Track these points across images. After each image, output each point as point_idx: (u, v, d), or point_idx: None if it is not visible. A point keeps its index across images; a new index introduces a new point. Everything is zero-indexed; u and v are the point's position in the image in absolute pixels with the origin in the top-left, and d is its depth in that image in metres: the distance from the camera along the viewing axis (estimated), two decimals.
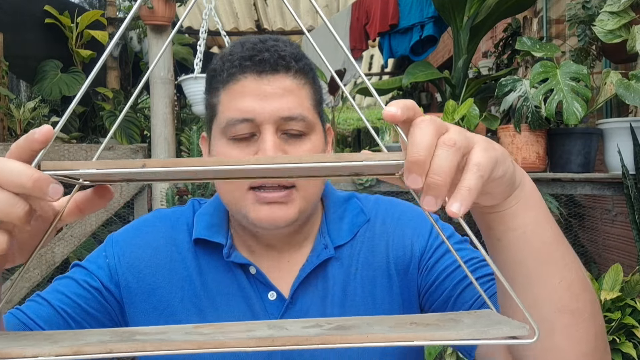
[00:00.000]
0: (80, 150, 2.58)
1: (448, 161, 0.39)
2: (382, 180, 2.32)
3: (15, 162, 0.41)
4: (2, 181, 0.40)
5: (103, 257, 0.80)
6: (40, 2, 4.02)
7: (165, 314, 0.78)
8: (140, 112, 4.56)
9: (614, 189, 2.21)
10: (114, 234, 0.84)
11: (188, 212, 0.84)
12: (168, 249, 0.81)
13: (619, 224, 2.81)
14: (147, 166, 0.38)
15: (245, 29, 6.47)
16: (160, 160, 0.38)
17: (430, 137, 0.39)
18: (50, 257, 2.59)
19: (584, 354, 0.56)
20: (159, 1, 2.54)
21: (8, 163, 0.41)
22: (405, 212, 0.84)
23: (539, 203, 0.54)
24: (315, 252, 0.79)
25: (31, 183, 0.39)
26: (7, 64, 3.49)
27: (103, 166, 0.38)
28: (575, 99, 2.00)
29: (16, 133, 3.37)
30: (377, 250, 0.81)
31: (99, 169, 0.38)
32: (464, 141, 0.41)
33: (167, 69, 2.67)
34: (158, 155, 2.60)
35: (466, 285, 0.75)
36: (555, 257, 0.54)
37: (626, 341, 1.76)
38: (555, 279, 0.54)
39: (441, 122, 0.42)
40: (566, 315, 0.55)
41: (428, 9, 3.63)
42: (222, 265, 0.78)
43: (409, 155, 0.39)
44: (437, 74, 2.83)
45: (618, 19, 1.96)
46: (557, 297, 0.55)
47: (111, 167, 0.38)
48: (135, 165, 0.38)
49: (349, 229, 0.81)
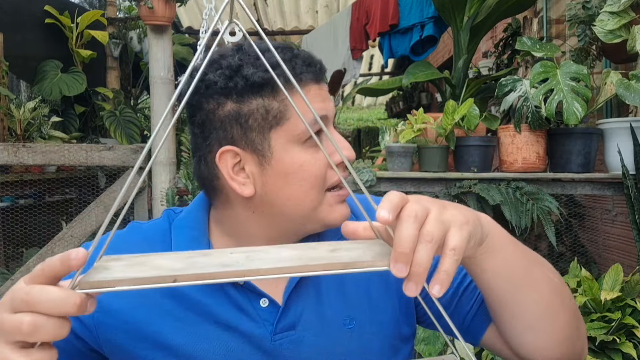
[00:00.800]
0: (80, 150, 2.58)
1: (427, 255, 0.48)
2: (382, 180, 2.32)
3: (56, 291, 0.45)
4: (48, 310, 0.45)
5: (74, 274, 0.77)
6: (40, 2, 4.02)
7: (150, 331, 0.74)
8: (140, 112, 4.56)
9: (614, 189, 2.21)
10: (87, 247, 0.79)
11: (164, 225, 0.80)
12: None
13: (619, 224, 2.81)
14: (178, 281, 0.41)
15: (245, 29, 6.47)
16: (190, 275, 0.41)
17: (413, 232, 0.48)
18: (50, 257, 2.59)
19: (565, 337, 0.69)
20: (159, 1, 2.54)
21: (50, 292, 0.45)
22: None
23: (505, 243, 0.63)
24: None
25: (75, 309, 0.44)
26: (7, 64, 3.49)
27: (137, 283, 0.41)
28: (575, 99, 2.00)
29: (16, 133, 3.37)
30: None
31: (134, 286, 0.41)
32: (440, 231, 0.50)
33: (167, 69, 2.67)
34: (158, 155, 2.60)
35: (465, 287, 0.78)
36: (527, 279, 0.65)
37: (626, 341, 1.76)
38: (530, 296, 0.66)
39: (422, 209, 0.50)
40: (546, 319, 0.68)
41: (428, 9, 3.63)
42: None
43: (396, 247, 0.47)
44: (437, 74, 2.83)
45: (618, 19, 1.96)
46: (535, 308, 0.67)
47: (145, 283, 0.41)
48: (166, 280, 0.41)
49: (336, 229, 0.80)
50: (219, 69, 0.70)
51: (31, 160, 2.53)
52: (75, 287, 0.43)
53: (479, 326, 0.78)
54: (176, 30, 5.75)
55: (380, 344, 0.78)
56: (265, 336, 0.74)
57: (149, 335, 0.74)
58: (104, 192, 2.67)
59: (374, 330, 0.78)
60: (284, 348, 0.74)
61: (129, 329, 0.73)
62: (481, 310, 0.78)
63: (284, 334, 0.74)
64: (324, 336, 0.76)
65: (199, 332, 0.74)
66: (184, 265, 0.44)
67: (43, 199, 3.55)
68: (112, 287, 0.41)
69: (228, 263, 0.44)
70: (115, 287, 0.41)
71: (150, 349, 0.74)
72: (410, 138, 2.26)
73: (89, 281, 0.42)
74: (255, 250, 0.48)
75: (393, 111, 8.84)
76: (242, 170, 0.72)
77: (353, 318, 0.77)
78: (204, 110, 0.71)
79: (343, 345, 0.76)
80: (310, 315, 0.76)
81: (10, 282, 2.53)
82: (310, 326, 0.75)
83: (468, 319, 0.78)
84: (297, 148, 0.70)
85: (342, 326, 0.76)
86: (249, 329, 0.74)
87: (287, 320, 0.75)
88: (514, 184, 2.21)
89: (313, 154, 0.71)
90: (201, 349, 0.73)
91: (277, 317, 0.75)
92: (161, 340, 0.73)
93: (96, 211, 2.64)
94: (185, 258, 0.46)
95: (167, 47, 2.67)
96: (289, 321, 0.75)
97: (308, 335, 0.75)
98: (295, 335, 0.75)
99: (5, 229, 3.26)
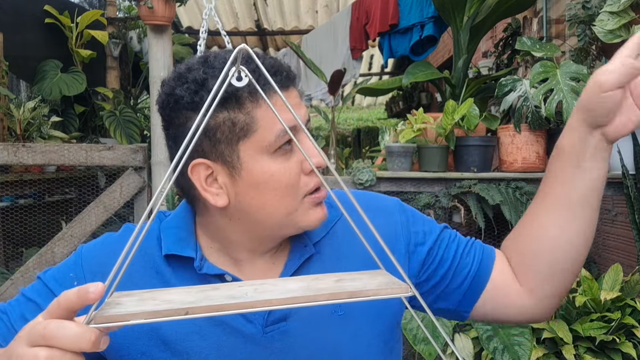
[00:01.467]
0: (80, 150, 2.58)
1: None
2: (382, 180, 2.32)
3: (73, 327, 0.47)
4: (64, 345, 0.47)
5: (70, 280, 0.78)
6: (40, 2, 4.02)
7: (146, 328, 0.76)
8: (140, 112, 4.56)
9: (614, 189, 2.21)
10: (83, 250, 0.81)
11: (155, 225, 0.82)
12: (142, 259, 0.79)
13: (619, 224, 2.81)
14: (190, 313, 0.43)
15: (245, 29, 6.48)
16: (202, 307, 0.43)
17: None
18: (50, 257, 2.59)
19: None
20: (158, 1, 2.54)
21: (67, 328, 0.47)
22: (377, 200, 0.88)
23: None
24: (296, 252, 0.79)
25: (90, 346, 0.46)
26: (7, 63, 3.49)
27: (152, 316, 0.43)
28: (575, 99, 2.00)
29: (16, 133, 3.36)
30: (358, 240, 0.81)
31: (147, 320, 0.43)
32: None
33: (167, 69, 2.67)
34: (157, 155, 2.60)
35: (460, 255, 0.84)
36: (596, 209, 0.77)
37: (626, 341, 1.76)
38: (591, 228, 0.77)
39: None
40: (579, 262, 0.78)
41: (428, 9, 3.64)
42: (197, 277, 0.77)
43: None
44: (437, 74, 2.83)
45: (618, 19, 1.96)
46: (586, 244, 0.78)
47: (159, 316, 0.43)
48: (179, 313, 0.43)
49: (323, 224, 0.81)
50: (185, 83, 0.70)
51: (31, 160, 2.53)
52: (91, 322, 0.45)
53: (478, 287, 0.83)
54: (176, 30, 5.76)
55: (370, 333, 0.79)
56: (256, 329, 0.75)
57: (145, 331, 0.75)
58: (103, 192, 2.67)
59: (364, 319, 0.79)
60: (275, 340, 0.75)
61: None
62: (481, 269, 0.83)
63: (275, 325, 0.76)
64: (315, 325, 0.76)
65: (193, 328, 0.75)
66: (196, 298, 0.46)
67: (43, 199, 3.55)
68: (127, 320, 0.43)
69: (237, 295, 0.46)
70: (131, 321, 0.43)
71: (146, 345, 0.75)
72: (410, 138, 2.26)
73: (104, 315, 0.43)
74: (263, 284, 0.50)
75: (393, 111, 8.84)
76: (215, 181, 0.72)
77: (342, 305, 0.78)
78: (174, 124, 0.72)
79: (334, 333, 0.77)
80: (305, 309, 0.76)
81: (10, 282, 2.53)
82: (300, 317, 0.76)
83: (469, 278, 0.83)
84: (266, 158, 0.70)
85: (332, 313, 0.77)
86: (241, 323, 0.75)
87: (278, 312, 0.76)
88: (514, 184, 2.21)
89: (283, 163, 0.71)
90: (195, 345, 0.75)
91: (268, 311, 0.75)
92: (157, 336, 0.75)
93: (96, 211, 2.64)
94: (196, 292, 0.48)
95: (167, 47, 2.67)
96: (280, 313, 0.76)
97: (299, 325, 0.76)
98: (286, 327, 0.76)
99: (5, 229, 3.26)
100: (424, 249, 0.83)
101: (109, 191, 2.64)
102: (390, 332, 0.83)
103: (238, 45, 0.76)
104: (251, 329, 0.75)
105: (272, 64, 0.72)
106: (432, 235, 0.84)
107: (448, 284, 0.83)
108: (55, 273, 0.79)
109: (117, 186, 2.63)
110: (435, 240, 0.84)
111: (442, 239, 0.85)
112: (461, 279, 0.83)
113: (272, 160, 0.71)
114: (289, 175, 0.71)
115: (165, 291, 0.49)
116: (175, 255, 0.77)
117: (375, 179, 2.31)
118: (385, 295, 0.46)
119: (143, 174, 2.64)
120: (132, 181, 2.62)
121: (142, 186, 2.64)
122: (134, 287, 0.75)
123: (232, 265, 0.79)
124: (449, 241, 0.85)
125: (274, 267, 0.80)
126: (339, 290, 0.46)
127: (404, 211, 0.86)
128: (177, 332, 0.75)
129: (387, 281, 0.49)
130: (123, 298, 0.48)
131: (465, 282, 0.83)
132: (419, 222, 0.86)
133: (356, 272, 0.53)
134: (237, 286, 0.49)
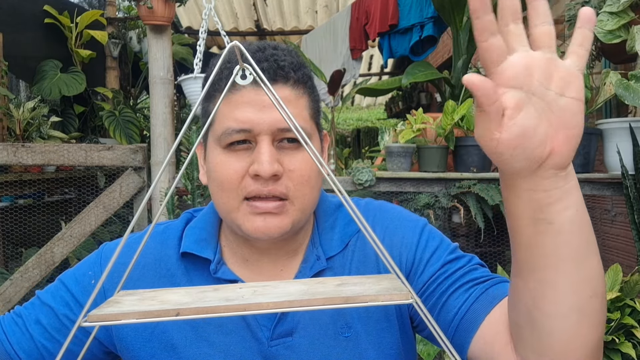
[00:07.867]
0: (79, 150, 2.58)
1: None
2: (381, 180, 2.32)
3: None
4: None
5: (89, 277, 0.79)
6: (39, 2, 4.02)
7: (157, 332, 0.77)
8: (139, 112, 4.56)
9: (614, 189, 2.21)
10: (104, 249, 0.83)
11: (180, 226, 0.84)
12: (156, 265, 0.80)
13: (618, 224, 2.81)
14: (181, 314, 0.43)
15: (244, 29, 6.47)
16: (192, 308, 0.44)
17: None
18: (49, 256, 2.59)
19: (599, 337, 0.58)
20: (158, 1, 2.54)
21: None
22: (394, 220, 0.83)
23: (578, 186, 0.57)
24: (308, 262, 0.79)
25: None
26: (7, 64, 3.48)
27: (142, 316, 0.44)
28: None
29: (15, 133, 3.36)
30: (368, 259, 0.80)
31: (138, 320, 0.44)
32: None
33: (166, 69, 2.67)
34: (157, 155, 2.60)
35: (451, 293, 0.74)
36: (593, 237, 0.57)
37: (625, 341, 1.76)
38: (594, 260, 0.56)
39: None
40: (597, 300, 0.56)
41: (428, 9, 3.64)
42: (212, 281, 0.77)
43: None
44: (436, 74, 2.83)
45: (618, 19, 1.96)
46: (594, 279, 0.56)
47: (149, 317, 0.43)
48: (170, 314, 0.43)
49: (340, 238, 0.81)
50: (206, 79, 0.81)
51: (30, 160, 2.53)
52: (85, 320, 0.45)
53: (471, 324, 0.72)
54: (175, 30, 5.75)
55: (376, 356, 0.78)
56: (262, 341, 0.75)
57: (156, 335, 0.77)
58: (103, 192, 2.67)
59: (371, 341, 0.78)
60: (280, 354, 0.75)
61: (139, 327, 0.77)
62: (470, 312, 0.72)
63: (281, 340, 0.76)
64: (320, 344, 0.76)
65: (202, 335, 0.76)
66: (191, 299, 0.46)
67: (42, 199, 3.55)
68: (119, 320, 0.43)
69: (232, 298, 0.46)
70: (122, 320, 0.43)
71: (156, 349, 0.76)
72: (410, 138, 2.26)
73: (97, 314, 0.44)
74: (264, 285, 0.50)
75: (392, 111, 8.84)
76: (204, 161, 0.80)
77: (350, 327, 0.77)
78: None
79: (338, 354, 0.76)
80: (307, 323, 0.77)
81: (9, 282, 2.53)
82: (306, 333, 0.76)
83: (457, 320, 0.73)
84: (218, 149, 0.74)
85: (338, 335, 0.77)
86: (248, 333, 0.76)
87: (285, 326, 0.76)
88: None
89: (231, 158, 0.72)
90: (203, 352, 0.75)
91: (275, 323, 0.76)
92: (167, 341, 0.76)
93: (95, 211, 2.64)
94: (196, 293, 0.48)
95: (167, 47, 2.67)
96: (286, 327, 0.76)
97: (304, 342, 0.76)
98: (291, 342, 0.76)
99: (4, 229, 3.26)
100: (422, 278, 0.78)
101: (109, 191, 2.64)
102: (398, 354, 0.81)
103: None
104: (258, 341, 0.76)
105: (260, 58, 0.71)
106: (433, 266, 0.78)
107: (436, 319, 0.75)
108: (74, 271, 0.81)
109: (116, 186, 2.63)
110: (433, 274, 0.77)
111: (442, 272, 0.77)
112: (449, 319, 0.74)
113: (223, 154, 0.73)
114: (227, 171, 0.72)
115: (167, 291, 0.50)
116: (193, 255, 0.78)
117: (375, 179, 2.31)
118: (384, 301, 0.45)
119: (143, 174, 2.63)
120: (131, 181, 2.62)
121: (142, 186, 2.64)
122: (146, 285, 0.77)
123: (242, 264, 0.80)
124: (446, 276, 0.76)
125: (282, 273, 0.80)
126: (336, 295, 0.45)
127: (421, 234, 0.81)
128: (186, 338, 0.76)
129: (389, 287, 0.47)
130: (125, 297, 0.48)
131: (453, 324, 0.73)
132: (428, 250, 0.79)
133: (363, 276, 0.52)
134: (238, 288, 0.49)
